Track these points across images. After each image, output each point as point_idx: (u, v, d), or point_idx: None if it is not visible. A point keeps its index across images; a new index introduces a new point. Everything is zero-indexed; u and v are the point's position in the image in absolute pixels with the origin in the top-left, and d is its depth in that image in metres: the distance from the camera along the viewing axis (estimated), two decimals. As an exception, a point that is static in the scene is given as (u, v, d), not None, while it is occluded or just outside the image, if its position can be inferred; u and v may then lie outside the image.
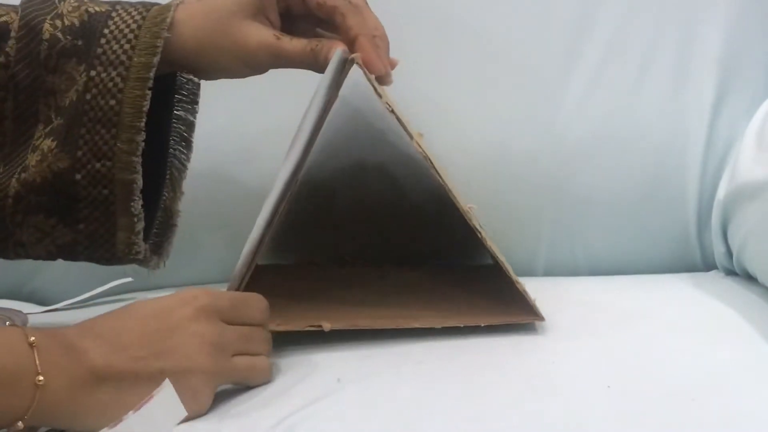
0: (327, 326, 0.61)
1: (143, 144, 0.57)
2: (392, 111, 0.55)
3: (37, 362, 0.46)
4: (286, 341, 0.62)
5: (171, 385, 0.50)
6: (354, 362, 0.60)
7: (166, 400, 0.50)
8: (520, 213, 0.80)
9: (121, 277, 0.74)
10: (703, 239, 0.80)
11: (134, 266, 0.63)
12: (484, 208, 0.76)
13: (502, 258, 0.61)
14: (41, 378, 0.46)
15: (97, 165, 0.57)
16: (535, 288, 0.71)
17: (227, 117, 0.66)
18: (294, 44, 0.57)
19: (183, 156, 0.65)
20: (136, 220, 0.58)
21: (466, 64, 0.80)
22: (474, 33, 0.80)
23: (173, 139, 0.64)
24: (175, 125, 0.64)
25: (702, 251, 0.81)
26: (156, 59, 0.56)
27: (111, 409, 0.49)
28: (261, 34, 0.57)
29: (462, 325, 0.62)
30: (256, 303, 0.56)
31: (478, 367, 0.59)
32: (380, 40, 0.57)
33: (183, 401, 0.50)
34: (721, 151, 0.79)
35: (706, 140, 0.79)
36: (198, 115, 0.65)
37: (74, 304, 0.76)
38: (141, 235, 0.59)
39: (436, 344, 0.62)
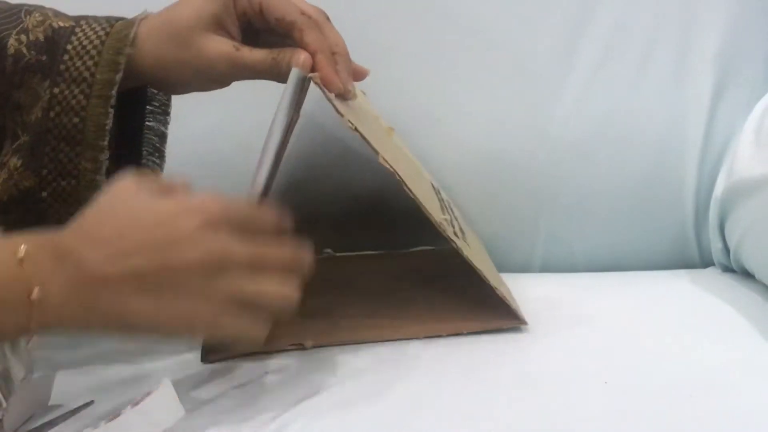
0: (309, 344, 0.62)
1: (107, 162, 0.57)
2: (356, 129, 0.55)
3: (29, 278, 0.46)
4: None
5: (170, 384, 0.50)
6: (351, 357, 0.60)
7: (164, 398, 0.50)
8: (518, 210, 0.80)
9: None
10: (701, 236, 0.80)
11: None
12: (482, 205, 0.80)
13: (479, 267, 0.62)
14: (35, 292, 0.46)
15: (63, 183, 0.57)
16: (530, 284, 0.73)
17: (220, 114, 0.66)
18: (254, 54, 0.57)
19: (156, 166, 0.65)
20: None
21: (461, 63, 0.80)
22: (469, 31, 0.80)
23: (146, 150, 0.64)
24: (147, 136, 0.64)
25: (699, 248, 0.81)
26: (118, 76, 0.56)
27: (114, 315, 0.48)
28: (220, 46, 0.57)
29: (444, 334, 0.62)
30: (265, 214, 0.52)
31: (475, 362, 0.59)
32: (340, 57, 0.57)
33: (179, 318, 0.48)
34: (719, 148, 0.79)
35: (704, 137, 0.79)
36: (192, 113, 0.65)
37: None
38: None
39: (433, 339, 0.62)
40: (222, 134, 0.78)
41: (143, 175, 0.50)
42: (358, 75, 0.61)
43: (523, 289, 0.69)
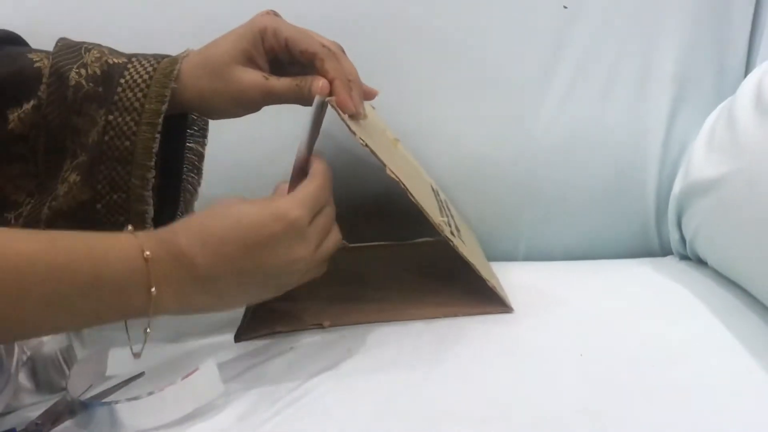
0: (327, 324, 0.64)
1: (154, 179, 0.59)
2: (366, 145, 0.57)
3: (151, 275, 0.50)
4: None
5: (214, 364, 0.54)
6: (361, 336, 0.63)
7: (208, 375, 0.54)
8: (504, 207, 0.81)
9: None
10: (661, 229, 0.82)
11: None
12: (473, 203, 0.82)
13: (474, 263, 0.63)
14: (154, 289, 0.50)
15: (115, 197, 0.59)
16: (515, 271, 0.75)
17: (246, 128, 0.67)
18: (281, 82, 0.59)
19: (194, 181, 0.67)
20: None
21: (456, 79, 0.81)
22: (463, 53, 0.81)
23: (186, 167, 0.67)
24: (187, 155, 0.67)
25: (660, 239, 0.82)
26: (164, 107, 0.58)
27: (218, 303, 0.53)
28: (251, 77, 0.59)
29: (442, 316, 0.64)
30: (327, 188, 0.57)
31: (468, 339, 0.61)
32: (353, 83, 0.59)
33: (268, 294, 0.55)
34: (677, 152, 0.80)
35: (663, 144, 0.80)
36: (220, 127, 0.66)
37: None
38: None
39: (434, 320, 0.65)
40: (248, 146, 0.80)
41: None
42: (369, 95, 0.63)
43: (509, 276, 0.71)
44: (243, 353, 0.63)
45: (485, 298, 0.65)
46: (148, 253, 0.51)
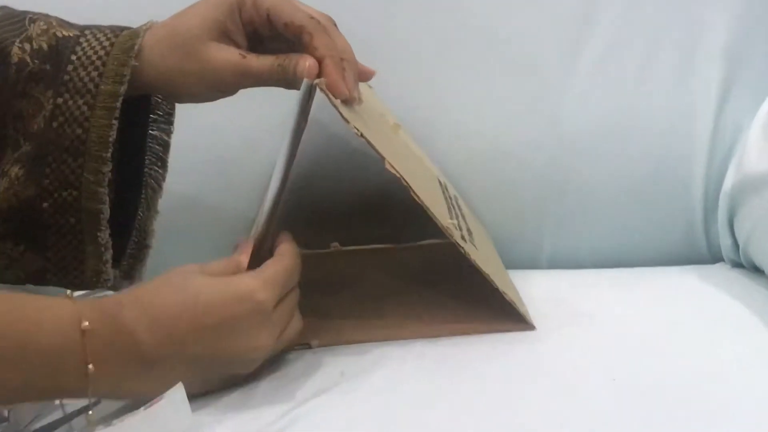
0: (315, 344, 0.62)
1: (110, 173, 0.57)
2: (362, 135, 0.56)
3: (88, 351, 0.48)
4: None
5: (182, 389, 0.51)
6: (357, 355, 0.61)
7: (175, 403, 0.51)
8: (523, 205, 0.80)
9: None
10: (710, 231, 0.80)
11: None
12: (489, 201, 0.80)
13: (487, 271, 0.62)
14: (91, 366, 0.49)
15: (64, 194, 0.57)
16: (537, 280, 0.74)
17: (224, 113, 0.66)
18: (261, 61, 0.57)
19: (158, 175, 0.65)
20: (103, 249, 0.59)
21: (467, 58, 0.80)
22: (476, 26, 0.80)
23: (148, 159, 0.65)
24: (150, 145, 0.65)
25: (708, 243, 0.80)
26: (123, 88, 0.56)
27: (164, 387, 0.51)
28: (225, 55, 0.57)
29: (448, 335, 0.63)
30: (296, 270, 0.57)
31: (481, 360, 0.60)
32: (347, 63, 0.57)
33: (223, 383, 0.54)
34: (728, 141, 0.79)
35: (713, 131, 0.79)
36: (194, 113, 0.65)
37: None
38: (109, 264, 0.60)
39: (438, 339, 0.63)
40: (226, 134, 0.79)
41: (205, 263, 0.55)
42: (364, 76, 0.61)
43: (530, 286, 0.70)
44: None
45: (501, 314, 0.64)
46: (86, 324, 0.49)
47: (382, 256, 0.79)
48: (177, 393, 0.52)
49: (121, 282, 0.63)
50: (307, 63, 0.56)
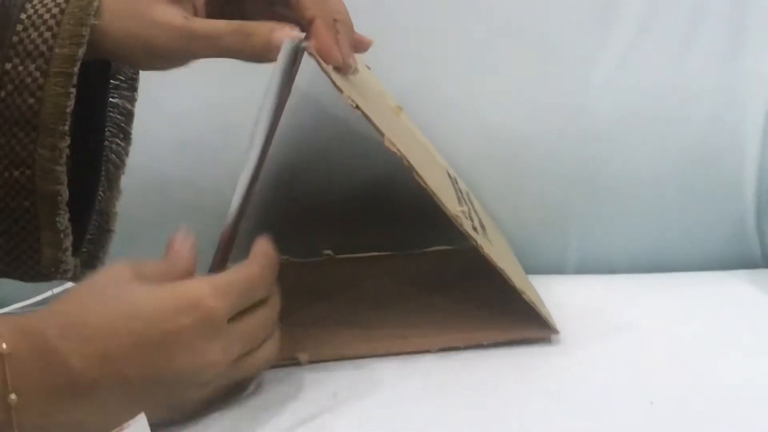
0: (304, 359, 0.61)
1: (67, 149, 0.56)
2: (357, 107, 0.55)
3: (8, 378, 0.46)
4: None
5: (145, 418, 0.50)
6: (353, 374, 0.60)
7: None
8: (547, 203, 0.80)
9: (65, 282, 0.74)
10: (764, 230, 0.79)
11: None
12: (505, 197, 0.80)
13: (501, 267, 0.61)
14: (13, 396, 0.47)
15: (15, 173, 0.56)
16: (563, 287, 0.73)
17: (199, 92, 0.66)
18: (209, 25, 0.56)
19: (121, 149, 0.64)
20: (62, 236, 0.58)
21: (478, 32, 0.80)
22: (489, 3, 0.80)
23: (109, 131, 0.64)
24: (111, 115, 0.64)
25: (761, 244, 0.79)
26: (81, 51, 0.55)
27: (101, 417, 0.49)
28: (168, 17, 0.55)
29: (462, 346, 0.62)
30: (262, 280, 0.55)
31: (496, 380, 0.59)
32: (341, 25, 0.56)
33: (172, 410, 0.52)
34: None
35: (766, 116, 0.77)
36: (167, 92, 0.65)
37: (25, 308, 0.76)
38: (69, 252, 0.59)
39: (447, 353, 0.62)
40: (201, 115, 0.78)
41: (138, 260, 0.53)
42: (361, 46, 0.60)
43: (554, 294, 0.69)
44: None
45: (521, 320, 0.63)
46: (4, 346, 0.46)
47: (382, 264, 0.79)
48: (140, 422, 0.50)
49: (82, 272, 0.62)
50: (288, 39, 0.54)
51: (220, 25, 0.56)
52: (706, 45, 0.78)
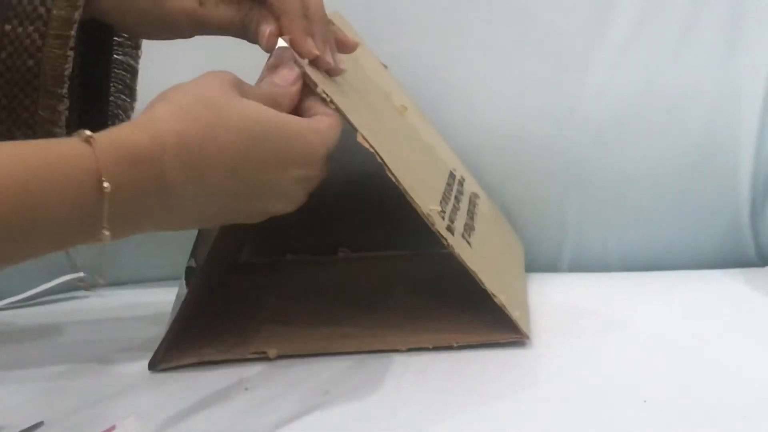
0: (273, 353, 0.62)
1: (67, 112, 0.57)
2: (331, 101, 0.56)
3: (104, 218, 0.46)
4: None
5: (136, 422, 0.52)
6: (345, 371, 0.60)
7: None
8: (541, 200, 0.80)
9: (69, 272, 0.75)
10: (758, 229, 0.79)
11: (86, 260, 0.63)
12: (500, 194, 0.80)
13: (474, 269, 0.62)
14: (106, 185, 0.46)
15: (17, 134, 0.56)
16: (556, 285, 0.74)
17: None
18: (219, 11, 0.58)
19: (126, 105, 0.65)
20: None
21: (477, 32, 0.80)
22: (487, 1, 0.80)
23: (114, 87, 0.64)
24: (116, 71, 0.64)
25: (756, 243, 0.80)
26: (77, 13, 0.55)
27: (190, 220, 0.52)
28: (181, 2, 0.57)
29: (430, 347, 0.62)
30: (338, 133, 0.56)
31: (488, 378, 0.59)
32: (315, 24, 0.57)
33: (253, 217, 0.54)
34: None
35: (762, 112, 0.78)
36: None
37: (16, 303, 0.77)
38: None
39: (440, 352, 0.62)
40: None
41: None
42: (345, 48, 0.60)
43: (548, 292, 0.70)
44: (179, 394, 0.59)
45: (495, 323, 0.63)
46: (107, 186, 0.46)
47: (365, 264, 0.79)
48: (131, 424, 0.52)
49: None
50: (267, 30, 0.56)
51: (227, 12, 0.57)
52: (702, 44, 0.78)
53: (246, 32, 0.58)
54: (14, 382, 0.60)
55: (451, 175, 0.72)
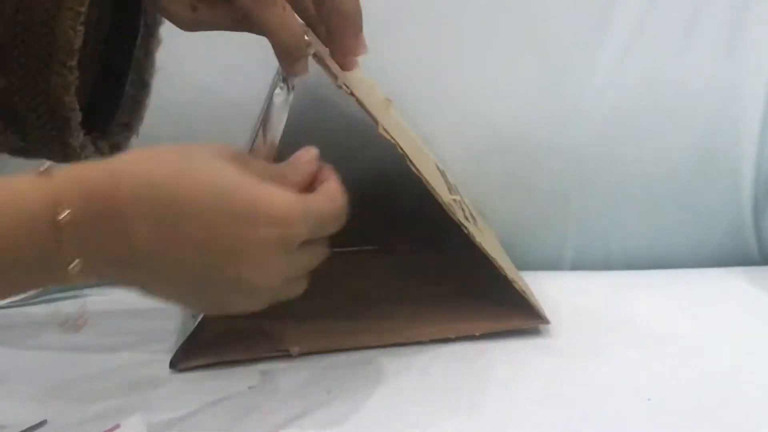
0: (295, 351, 0.62)
1: (76, 81, 0.56)
2: (351, 93, 0.56)
3: (64, 250, 0.46)
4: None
5: (141, 421, 0.51)
6: (348, 370, 0.60)
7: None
8: (544, 198, 0.80)
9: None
10: (761, 227, 0.79)
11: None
12: (501, 192, 0.80)
13: (493, 255, 0.62)
14: (77, 262, 0.46)
15: (37, 99, 0.56)
16: (559, 284, 0.73)
17: (198, 86, 0.67)
18: (214, 13, 0.57)
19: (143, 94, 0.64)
20: (79, 150, 0.58)
21: (480, 34, 0.79)
22: None
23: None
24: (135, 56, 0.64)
25: (759, 241, 0.80)
26: None
27: (147, 287, 0.50)
28: (176, 7, 0.57)
29: (453, 336, 0.62)
30: (339, 219, 0.54)
31: (492, 376, 0.59)
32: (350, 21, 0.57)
33: (209, 305, 0.53)
34: None
35: (765, 110, 0.78)
36: (168, 84, 0.64)
37: (20, 301, 0.76)
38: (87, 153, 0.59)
39: (444, 348, 0.62)
40: (203, 109, 0.78)
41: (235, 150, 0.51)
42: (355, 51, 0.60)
43: (551, 290, 0.69)
44: (183, 393, 0.59)
45: (512, 312, 0.64)
46: (67, 213, 0.46)
47: (375, 258, 0.79)
48: (135, 422, 0.51)
49: (110, 151, 0.62)
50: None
51: (221, 11, 0.57)
52: (705, 42, 0.78)
53: (250, 26, 0.57)
54: (18, 380, 0.60)
55: (438, 168, 0.72)
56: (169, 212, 0.48)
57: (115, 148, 0.62)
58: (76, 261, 0.46)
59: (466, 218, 0.63)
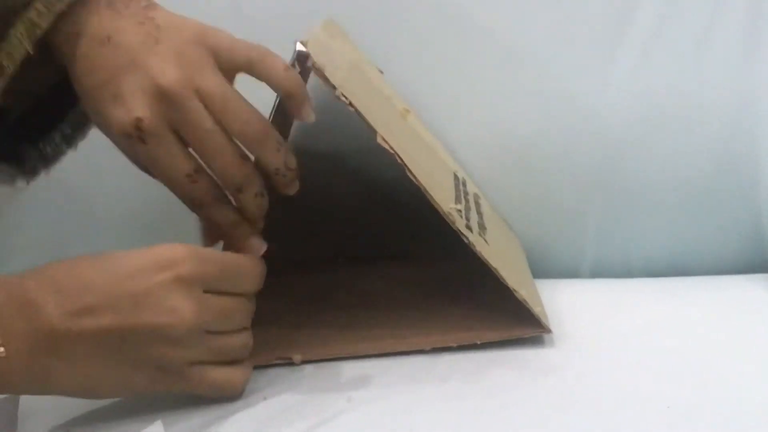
0: (298, 359, 0.62)
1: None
2: (350, 104, 0.56)
3: None
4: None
5: (161, 426, 0.52)
6: (368, 378, 0.60)
7: None
8: (562, 206, 0.80)
9: None
10: None
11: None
12: (518, 200, 0.80)
13: (496, 265, 0.62)
14: (2, 349, 0.49)
15: None
16: (578, 291, 0.74)
17: None
18: None
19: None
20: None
21: (495, 40, 0.79)
22: (504, 4, 0.79)
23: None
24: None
25: None
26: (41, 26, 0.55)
27: (69, 375, 0.51)
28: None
29: (455, 345, 0.62)
30: (250, 270, 0.57)
31: (510, 384, 0.59)
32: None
33: (149, 370, 0.53)
34: None
35: None
36: None
37: None
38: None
39: (462, 357, 0.62)
40: None
41: None
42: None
43: (569, 298, 0.70)
44: (186, 402, 0.58)
45: (514, 321, 0.64)
46: None
47: (377, 267, 0.79)
48: (156, 429, 0.52)
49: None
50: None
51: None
52: (723, 48, 0.78)
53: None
54: (38, 397, 0.58)
55: (456, 177, 0.72)
56: (70, 292, 0.51)
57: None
58: (1, 348, 0.49)
59: (468, 227, 0.63)
